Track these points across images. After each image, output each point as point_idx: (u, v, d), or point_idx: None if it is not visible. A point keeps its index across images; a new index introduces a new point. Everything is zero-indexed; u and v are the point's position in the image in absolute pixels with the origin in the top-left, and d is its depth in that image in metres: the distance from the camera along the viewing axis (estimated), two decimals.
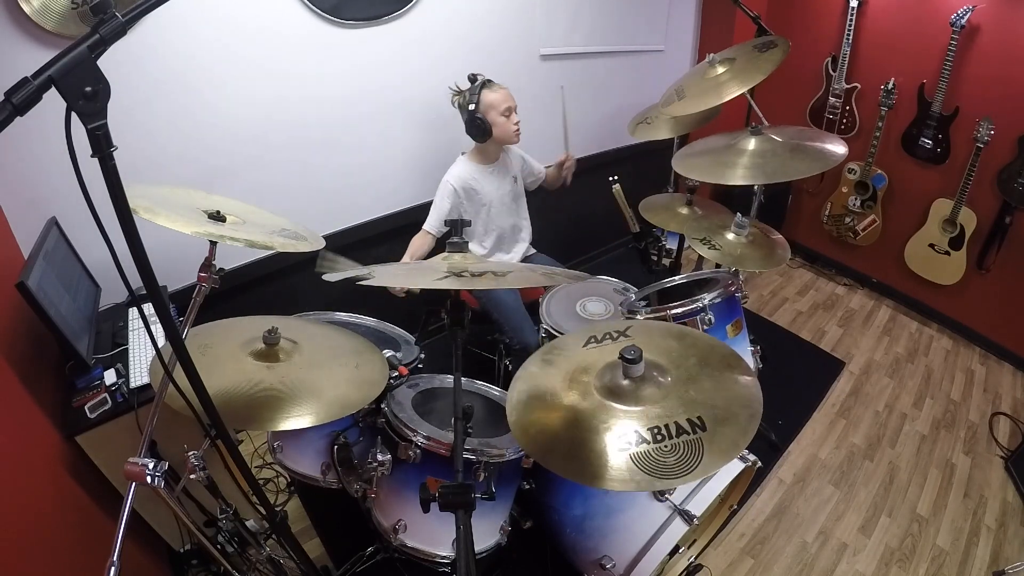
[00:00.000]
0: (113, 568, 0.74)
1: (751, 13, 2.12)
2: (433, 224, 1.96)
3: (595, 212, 2.96)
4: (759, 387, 1.02)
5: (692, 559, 1.58)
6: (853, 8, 2.67)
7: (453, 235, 1.15)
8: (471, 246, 2.01)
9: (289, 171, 2.04)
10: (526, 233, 2.22)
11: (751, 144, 1.68)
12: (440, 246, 1.33)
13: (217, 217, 1.14)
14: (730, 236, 1.77)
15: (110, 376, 1.40)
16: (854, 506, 1.98)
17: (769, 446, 2.16)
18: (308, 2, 1.82)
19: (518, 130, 1.95)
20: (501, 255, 2.16)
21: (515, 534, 1.43)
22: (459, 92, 1.92)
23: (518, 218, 2.18)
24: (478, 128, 1.89)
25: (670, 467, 0.89)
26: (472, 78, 1.90)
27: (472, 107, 1.86)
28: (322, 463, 1.41)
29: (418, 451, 1.26)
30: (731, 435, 0.92)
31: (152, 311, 0.79)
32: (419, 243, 1.95)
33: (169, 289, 1.85)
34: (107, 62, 0.56)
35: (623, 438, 0.94)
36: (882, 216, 2.97)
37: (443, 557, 1.29)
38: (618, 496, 1.31)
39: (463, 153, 2.04)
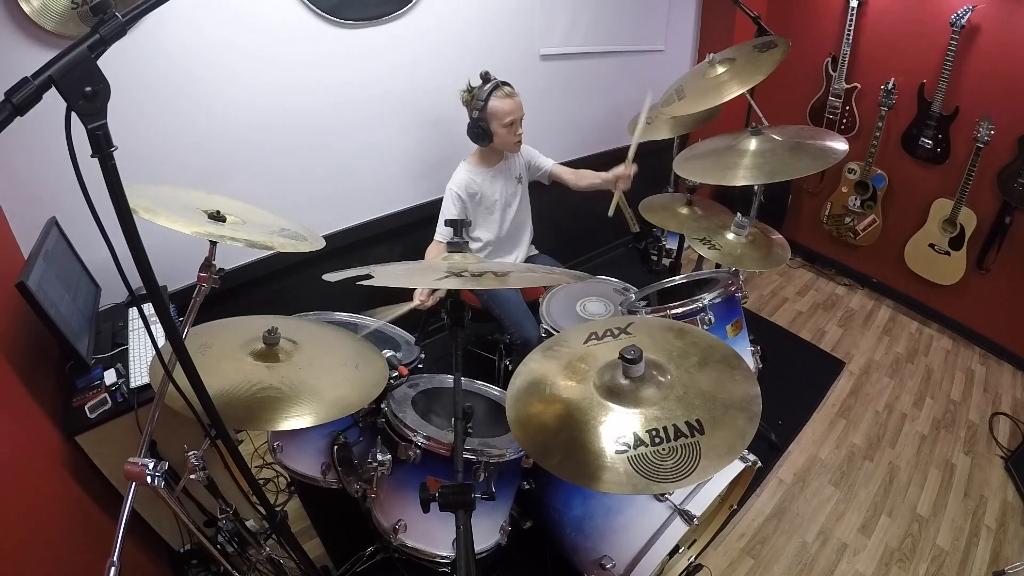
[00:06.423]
0: (113, 568, 0.74)
1: (751, 13, 2.12)
2: (444, 233, 1.95)
3: (595, 212, 2.95)
4: (759, 388, 1.02)
5: (692, 559, 1.58)
6: (853, 8, 2.67)
7: (454, 235, 1.15)
8: (473, 247, 2.01)
9: (289, 171, 2.04)
10: (528, 235, 2.22)
11: (752, 144, 1.68)
12: None
13: (217, 217, 1.14)
14: (730, 236, 1.77)
15: (110, 376, 1.40)
16: (854, 506, 1.98)
17: (769, 446, 2.16)
18: (308, 2, 1.82)
19: (519, 142, 1.93)
20: (504, 257, 2.16)
21: (515, 534, 1.43)
22: (469, 90, 1.89)
23: (522, 219, 2.17)
24: (479, 134, 1.88)
25: (667, 471, 0.88)
26: (484, 77, 1.86)
27: (476, 113, 1.84)
28: (322, 463, 1.41)
29: (418, 451, 1.26)
30: (729, 439, 0.92)
31: (152, 311, 0.79)
32: (433, 253, 1.94)
33: (169, 289, 1.85)
34: (107, 62, 0.56)
35: (621, 440, 0.93)
36: (882, 216, 2.97)
37: (443, 557, 1.29)
38: (618, 496, 1.31)
39: (465, 159, 2.02)
